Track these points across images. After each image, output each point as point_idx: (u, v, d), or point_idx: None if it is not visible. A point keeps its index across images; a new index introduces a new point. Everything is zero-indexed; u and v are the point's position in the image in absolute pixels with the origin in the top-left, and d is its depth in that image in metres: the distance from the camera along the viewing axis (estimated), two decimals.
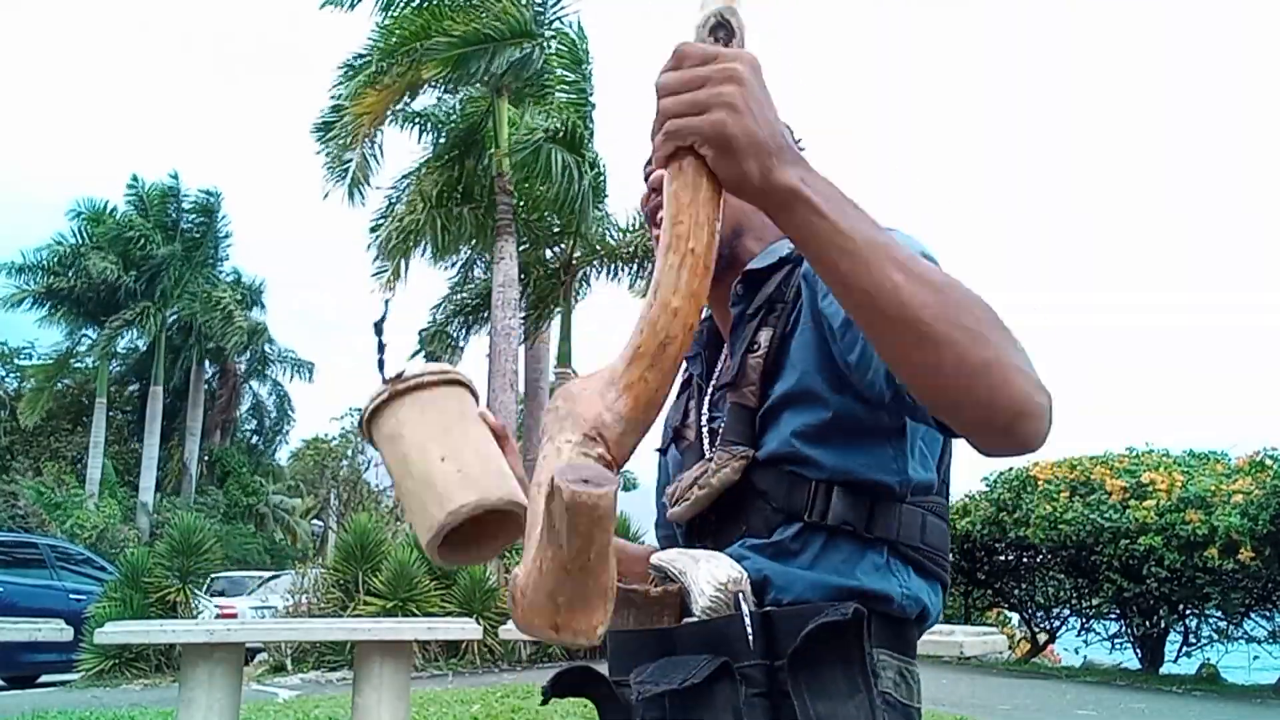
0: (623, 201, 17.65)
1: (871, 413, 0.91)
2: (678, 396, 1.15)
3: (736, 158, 0.69)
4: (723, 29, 0.73)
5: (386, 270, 15.46)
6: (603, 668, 0.96)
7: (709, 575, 0.86)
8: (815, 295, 0.94)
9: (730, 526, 0.97)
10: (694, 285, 0.69)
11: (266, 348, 29.04)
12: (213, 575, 11.70)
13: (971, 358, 0.69)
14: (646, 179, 1.09)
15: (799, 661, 0.83)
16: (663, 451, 1.16)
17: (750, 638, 0.83)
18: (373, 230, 15.32)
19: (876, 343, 0.74)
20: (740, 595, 0.85)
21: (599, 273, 16.33)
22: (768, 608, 0.88)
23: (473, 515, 0.85)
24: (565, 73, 13.91)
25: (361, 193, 14.88)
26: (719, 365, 1.09)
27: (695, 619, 0.87)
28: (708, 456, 1.00)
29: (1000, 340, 0.71)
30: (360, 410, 0.96)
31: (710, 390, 1.08)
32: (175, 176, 25.74)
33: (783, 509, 0.94)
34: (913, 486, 0.94)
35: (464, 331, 17.53)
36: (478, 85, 14.01)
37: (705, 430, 1.06)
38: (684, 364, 1.17)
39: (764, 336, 0.99)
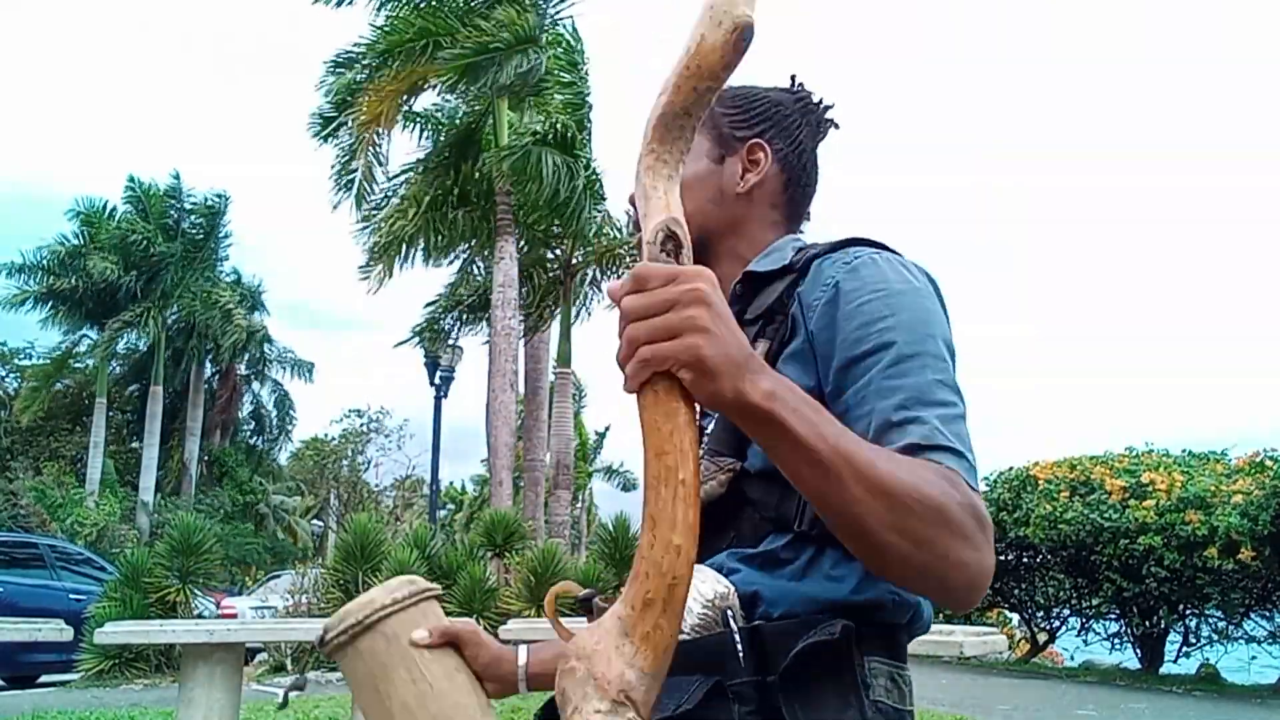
0: (623, 201, 17.62)
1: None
2: None
3: (711, 378, 0.70)
4: (671, 241, 0.74)
5: (374, 269, 15.45)
6: None
7: (695, 592, 0.84)
8: (811, 319, 0.94)
9: (718, 535, 0.96)
10: (690, 518, 0.68)
11: (265, 348, 29.05)
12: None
13: (911, 561, 0.76)
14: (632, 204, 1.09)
15: (790, 679, 0.83)
16: None
17: (740, 655, 0.83)
18: (363, 227, 15.29)
19: (832, 528, 0.79)
20: (729, 612, 0.84)
21: (600, 273, 16.34)
22: (757, 622, 0.88)
23: None
24: (562, 74, 13.93)
25: (366, 200, 14.93)
26: None
27: (685, 636, 0.85)
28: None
29: (945, 543, 0.77)
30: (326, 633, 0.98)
31: None
32: (177, 177, 25.74)
33: (772, 518, 0.93)
34: None
35: (461, 327, 17.55)
36: (483, 92, 14.02)
37: None
38: None
39: (760, 348, 0.97)
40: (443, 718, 0.93)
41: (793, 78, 1.14)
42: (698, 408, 0.73)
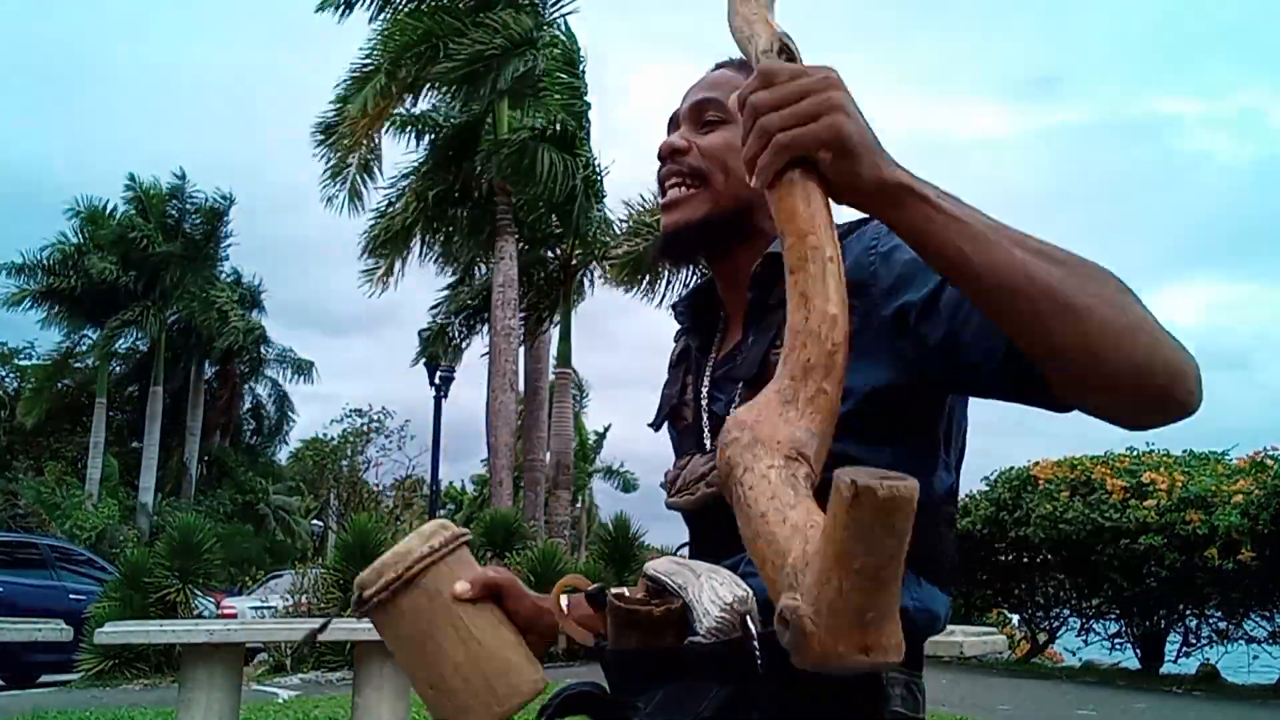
0: (624, 199, 17.63)
1: (900, 413, 0.89)
2: (674, 368, 1.11)
3: (853, 158, 0.70)
4: (786, 52, 0.76)
5: (376, 272, 15.47)
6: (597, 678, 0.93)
7: (712, 594, 0.82)
8: (877, 275, 0.89)
9: (736, 536, 0.94)
10: (843, 291, 0.69)
11: (264, 348, 29.05)
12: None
13: (1117, 322, 0.70)
14: (670, 129, 1.06)
15: (809, 687, 0.81)
16: (655, 426, 1.11)
17: (759, 662, 0.81)
18: (363, 230, 15.34)
19: (1014, 324, 0.73)
20: (748, 617, 0.82)
21: (599, 273, 16.34)
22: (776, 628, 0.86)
23: None
24: (560, 74, 13.93)
25: (361, 200, 14.94)
26: (730, 347, 1.03)
27: (700, 639, 0.83)
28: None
29: (1138, 304, 0.72)
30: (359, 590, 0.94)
31: (712, 369, 1.03)
32: (182, 176, 25.71)
33: None
34: (933, 494, 0.91)
35: (464, 331, 17.55)
36: (482, 97, 14.03)
37: (706, 413, 1.01)
38: (682, 337, 1.13)
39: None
40: (495, 676, 0.90)
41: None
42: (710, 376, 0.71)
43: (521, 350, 15.87)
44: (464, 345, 17.49)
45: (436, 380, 15.65)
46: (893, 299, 0.87)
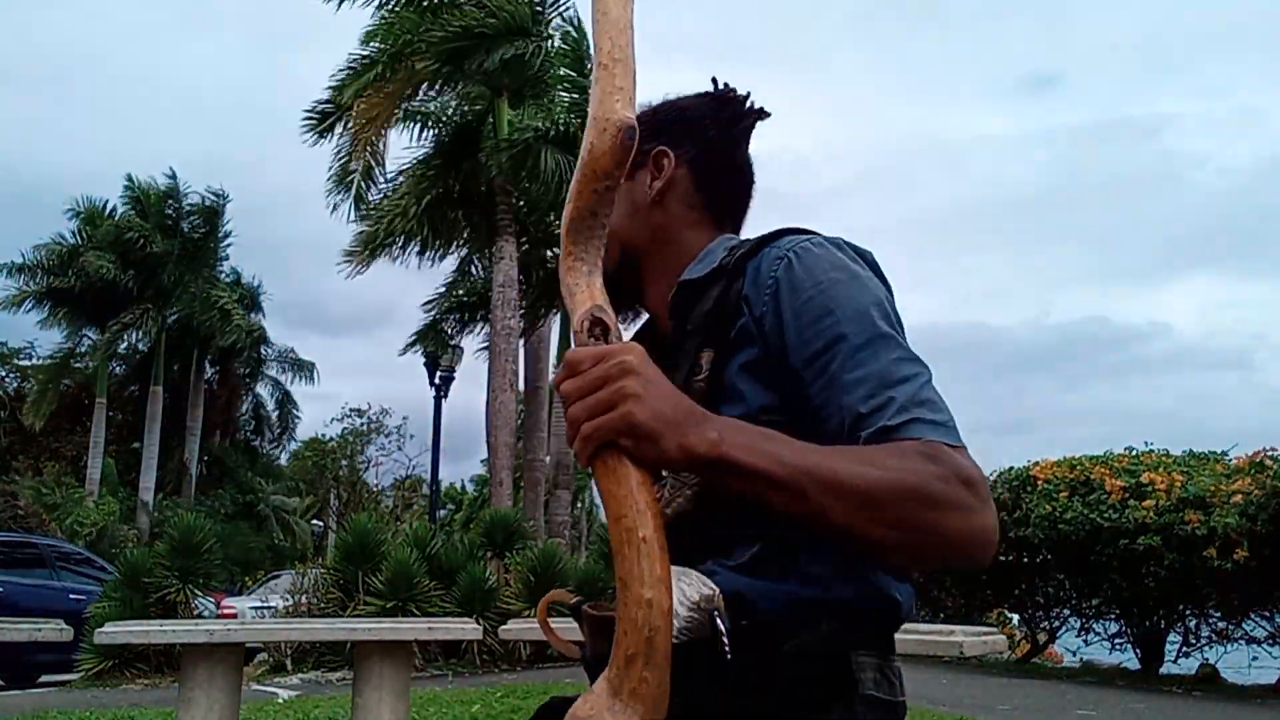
0: None
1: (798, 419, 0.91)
2: None
3: (651, 440, 0.75)
4: (598, 326, 0.82)
5: (357, 258, 15.28)
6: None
7: (680, 595, 0.84)
8: (765, 326, 0.93)
9: (695, 550, 0.95)
10: (657, 571, 0.72)
11: (264, 349, 29.04)
12: None
13: (907, 546, 0.78)
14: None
15: (780, 679, 0.84)
16: None
17: (729, 657, 0.82)
18: (361, 231, 15.25)
19: (821, 539, 0.82)
20: (715, 614, 0.84)
21: None
22: (743, 623, 0.87)
23: None
24: (568, 70, 13.89)
25: (365, 201, 14.90)
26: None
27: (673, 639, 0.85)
28: (660, 482, 0.97)
29: (932, 520, 0.78)
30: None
31: None
32: (173, 176, 25.70)
33: (743, 531, 0.92)
34: None
35: (462, 330, 17.53)
36: (475, 83, 13.98)
37: None
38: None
39: (706, 359, 0.97)
40: None
41: (714, 80, 1.14)
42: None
43: (522, 350, 15.86)
44: (458, 342, 17.44)
45: (436, 380, 15.65)
46: (772, 350, 0.92)
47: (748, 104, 1.12)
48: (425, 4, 13.59)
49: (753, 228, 1.12)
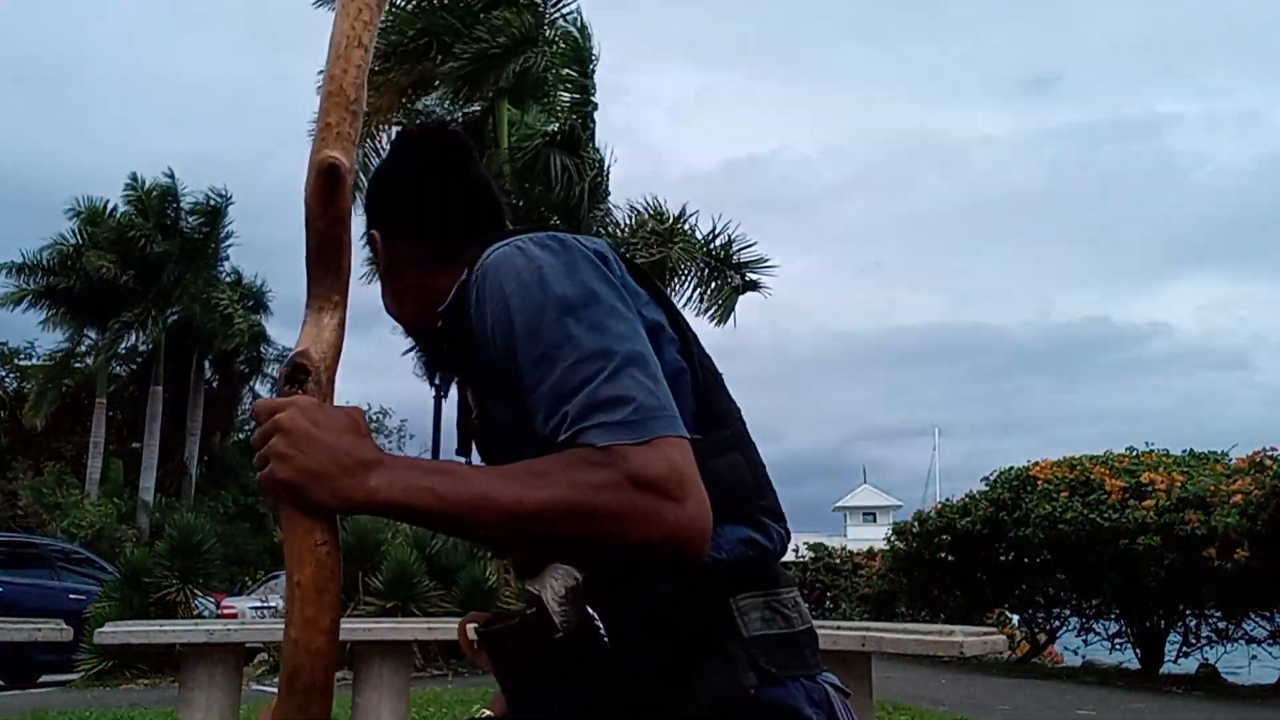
0: (622, 200, 17.63)
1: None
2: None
3: (301, 493, 0.79)
4: (299, 372, 0.84)
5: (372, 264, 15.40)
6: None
7: (552, 591, 0.85)
8: (483, 335, 0.91)
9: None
10: (307, 613, 0.78)
11: (264, 348, 29.03)
12: None
13: (606, 544, 0.79)
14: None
15: (657, 648, 0.83)
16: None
17: (605, 640, 0.82)
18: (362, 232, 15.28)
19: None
20: (584, 603, 0.83)
21: None
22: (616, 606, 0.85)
23: None
24: (569, 71, 13.86)
25: (363, 194, 14.88)
26: None
27: (559, 635, 0.86)
28: None
29: (609, 530, 0.78)
30: None
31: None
32: (171, 176, 25.67)
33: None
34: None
35: None
36: (484, 97, 13.98)
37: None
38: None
39: (470, 396, 1.01)
40: None
41: (401, 126, 1.15)
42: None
43: None
44: None
45: (437, 380, 15.64)
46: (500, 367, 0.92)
47: (443, 130, 1.11)
48: (426, 4, 13.59)
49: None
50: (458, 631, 1.04)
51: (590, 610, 0.83)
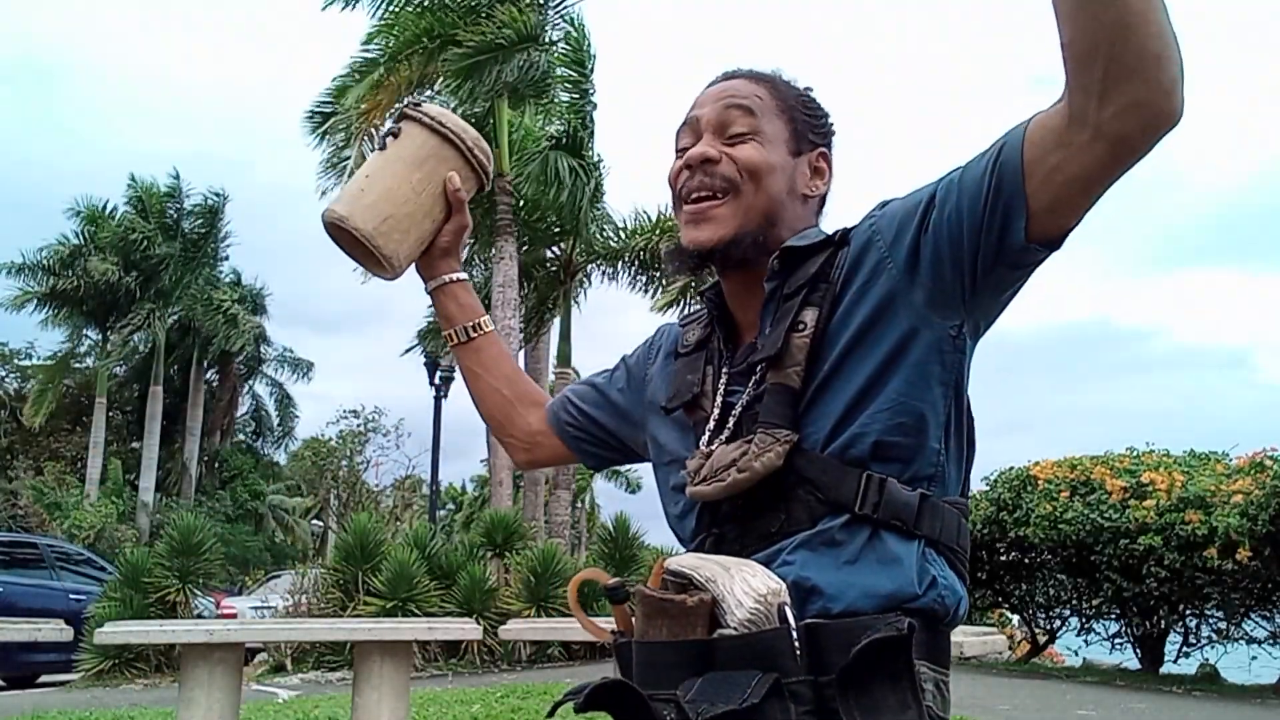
0: (622, 201, 17.64)
1: (924, 395, 0.93)
2: (691, 355, 1.09)
3: None
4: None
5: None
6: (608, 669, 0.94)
7: (745, 586, 0.84)
8: (877, 246, 0.96)
9: (767, 515, 0.94)
10: None
11: (263, 348, 29.04)
12: None
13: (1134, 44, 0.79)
14: (679, 153, 1.08)
15: (848, 678, 0.81)
16: (669, 410, 1.08)
17: (797, 653, 0.81)
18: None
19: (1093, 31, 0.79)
20: (784, 607, 0.83)
21: (599, 273, 16.32)
22: (812, 619, 0.86)
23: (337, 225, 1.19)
24: (568, 71, 13.86)
25: None
26: (748, 340, 1.05)
27: (733, 631, 0.84)
28: (746, 437, 0.95)
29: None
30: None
31: (729, 363, 1.05)
32: (176, 176, 25.67)
33: (829, 499, 0.91)
34: (952, 483, 0.95)
35: None
36: (486, 92, 13.98)
37: (720, 404, 1.02)
38: (696, 327, 1.12)
39: (809, 316, 0.96)
40: (411, 221, 1.19)
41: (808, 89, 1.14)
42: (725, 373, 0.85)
43: (521, 350, 15.86)
44: None
45: (437, 380, 15.64)
46: (900, 240, 0.94)
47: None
48: (426, 4, 13.58)
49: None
50: (571, 584, 1.04)
51: (790, 618, 0.82)
